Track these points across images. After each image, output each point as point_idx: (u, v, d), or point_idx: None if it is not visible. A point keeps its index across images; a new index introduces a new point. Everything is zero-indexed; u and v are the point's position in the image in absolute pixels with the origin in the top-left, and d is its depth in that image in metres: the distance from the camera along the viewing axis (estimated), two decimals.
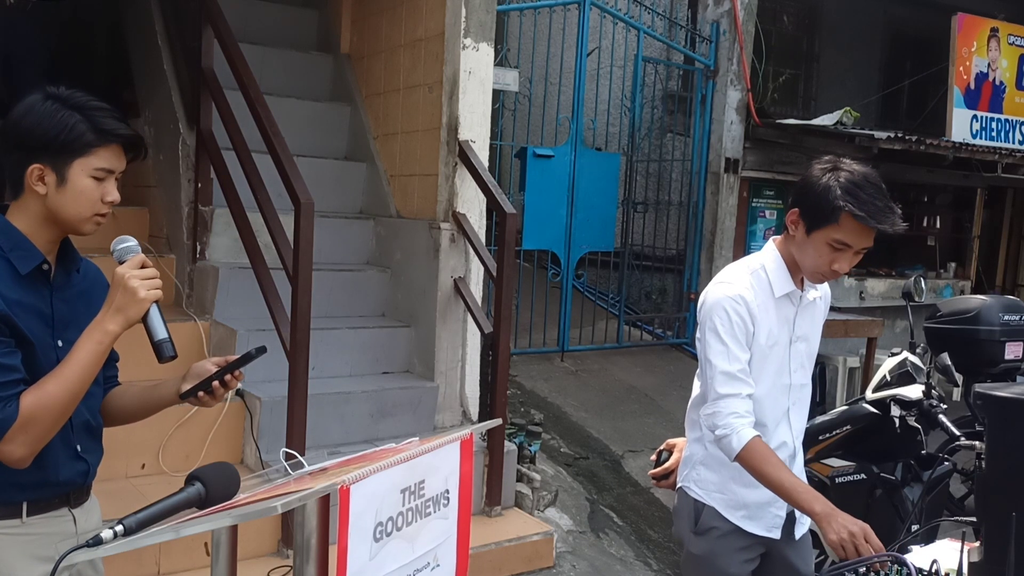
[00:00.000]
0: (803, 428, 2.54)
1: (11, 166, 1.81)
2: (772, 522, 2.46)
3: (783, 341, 2.44)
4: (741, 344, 2.35)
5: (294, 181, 3.81)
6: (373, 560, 1.61)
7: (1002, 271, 10.69)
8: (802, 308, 2.48)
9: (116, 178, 1.86)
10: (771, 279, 2.44)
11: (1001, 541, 1.76)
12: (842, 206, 2.29)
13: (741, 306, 2.36)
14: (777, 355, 2.43)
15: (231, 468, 1.65)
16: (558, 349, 6.75)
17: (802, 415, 2.51)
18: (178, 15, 4.99)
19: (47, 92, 1.82)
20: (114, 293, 1.76)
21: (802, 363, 2.49)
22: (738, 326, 2.35)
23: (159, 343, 1.80)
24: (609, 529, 4.73)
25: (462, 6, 4.62)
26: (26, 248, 1.80)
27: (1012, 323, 5.03)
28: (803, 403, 2.51)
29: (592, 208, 6.87)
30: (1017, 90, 9.57)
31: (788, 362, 2.45)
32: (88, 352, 1.75)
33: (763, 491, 2.33)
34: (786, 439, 2.47)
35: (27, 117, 1.79)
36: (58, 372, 1.74)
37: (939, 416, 3.28)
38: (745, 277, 2.45)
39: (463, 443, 1.89)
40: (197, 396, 1.94)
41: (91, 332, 1.76)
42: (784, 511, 2.45)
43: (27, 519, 1.83)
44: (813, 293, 2.51)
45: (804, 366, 2.50)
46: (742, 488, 2.42)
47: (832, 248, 2.32)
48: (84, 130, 1.78)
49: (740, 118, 7.61)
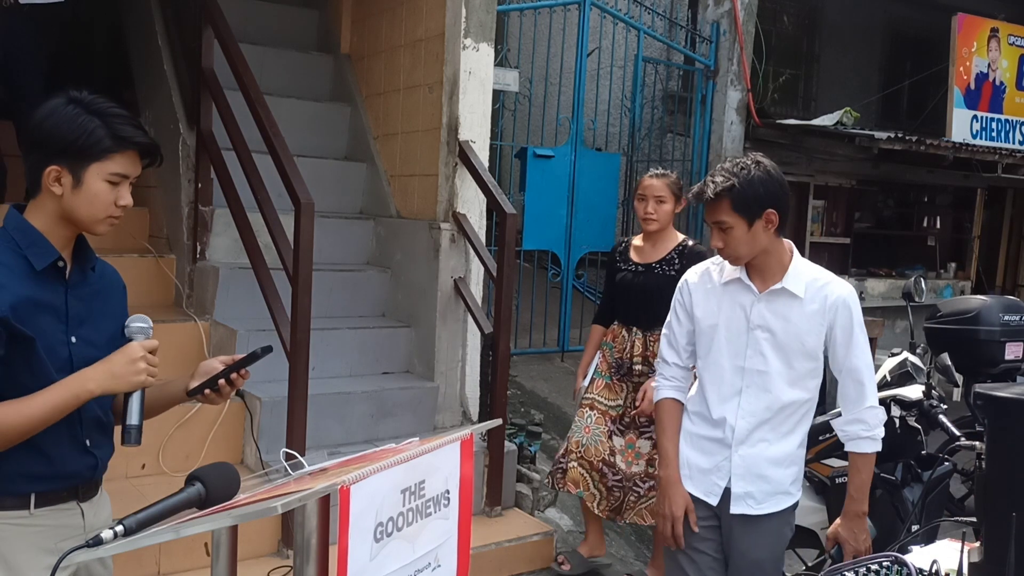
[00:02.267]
0: (759, 413, 2.63)
1: (31, 166, 1.86)
2: (710, 488, 2.68)
3: (735, 326, 2.63)
4: (679, 319, 2.77)
5: (294, 181, 3.81)
6: (374, 560, 1.62)
7: (1002, 271, 10.69)
8: (767, 300, 2.61)
9: (131, 183, 1.91)
10: (722, 266, 2.70)
11: (1001, 541, 1.76)
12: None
13: (684, 285, 2.77)
14: (727, 337, 2.64)
15: (231, 468, 1.66)
16: (558, 349, 6.76)
17: (759, 400, 2.62)
18: (178, 15, 4.99)
19: (69, 96, 1.86)
20: (116, 360, 1.81)
21: (762, 351, 2.60)
22: (679, 301, 2.77)
23: (130, 427, 1.84)
24: (609, 529, 4.73)
25: (462, 6, 4.62)
26: (42, 245, 1.85)
27: (1012, 323, 5.03)
28: (761, 389, 2.62)
29: (592, 208, 6.87)
30: (1017, 90, 9.57)
31: (745, 347, 2.62)
32: (61, 399, 1.78)
33: (708, 458, 2.67)
34: (728, 416, 2.65)
35: (48, 119, 1.83)
36: (23, 403, 1.76)
37: (939, 416, 3.28)
38: (705, 264, 2.80)
39: (463, 443, 1.89)
40: (204, 394, 1.98)
41: (72, 382, 1.79)
42: (724, 481, 2.65)
43: (35, 511, 1.86)
44: (795, 290, 2.60)
45: (765, 354, 2.60)
46: (689, 450, 2.73)
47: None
48: (102, 135, 1.83)
49: (740, 118, 7.61)
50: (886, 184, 9.22)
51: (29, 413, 1.75)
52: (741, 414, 2.63)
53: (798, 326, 2.59)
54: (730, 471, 2.64)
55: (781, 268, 2.63)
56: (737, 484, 2.63)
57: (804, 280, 2.62)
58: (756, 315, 2.61)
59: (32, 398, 1.77)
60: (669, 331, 2.80)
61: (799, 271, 2.64)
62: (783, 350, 2.60)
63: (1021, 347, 5.07)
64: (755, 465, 2.63)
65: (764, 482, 2.64)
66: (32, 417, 1.76)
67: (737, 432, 2.63)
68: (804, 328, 2.59)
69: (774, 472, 2.64)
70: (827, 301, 2.60)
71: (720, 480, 2.66)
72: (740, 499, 2.64)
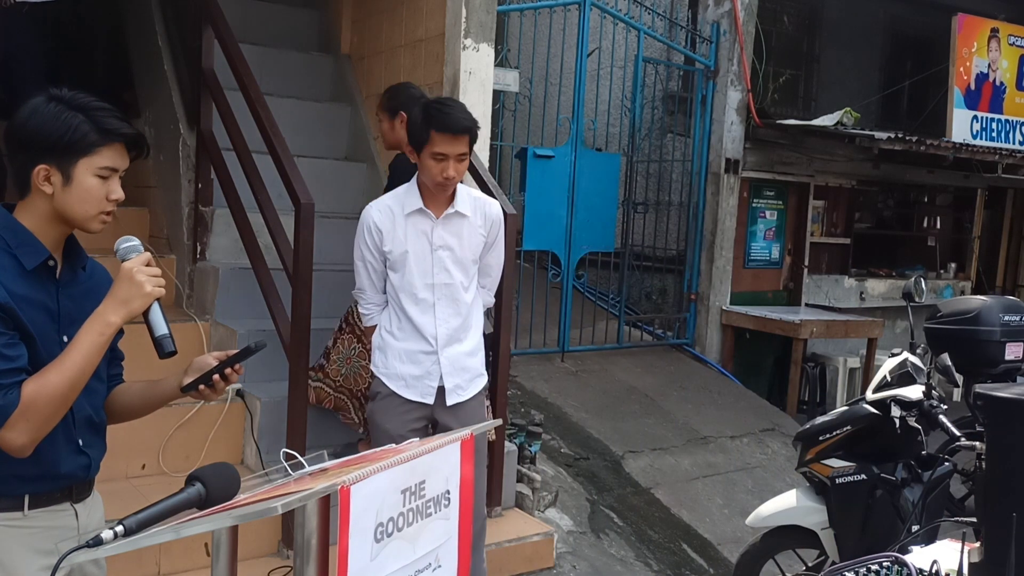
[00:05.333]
0: (455, 318, 3.20)
1: (17, 167, 1.85)
2: (425, 391, 3.19)
3: (421, 250, 3.13)
4: (373, 256, 3.20)
5: (294, 182, 3.81)
6: (374, 561, 1.62)
7: (1002, 272, 10.68)
8: (443, 223, 3.15)
9: (120, 176, 1.90)
10: (403, 200, 3.16)
11: (1002, 541, 1.76)
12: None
13: (371, 225, 3.17)
14: (416, 261, 3.13)
15: (231, 468, 1.66)
16: (558, 349, 6.75)
17: (451, 309, 3.20)
18: (179, 16, 4.99)
19: (50, 94, 1.85)
20: (119, 286, 1.81)
21: (446, 267, 3.17)
22: (365, 241, 3.19)
23: (160, 338, 1.84)
24: (609, 529, 4.73)
25: (462, 7, 4.62)
26: (32, 244, 1.84)
27: (1012, 324, 5.03)
28: (450, 299, 3.20)
29: (592, 209, 6.86)
30: (1017, 91, 9.57)
31: (431, 266, 3.16)
32: (90, 343, 1.78)
33: (419, 367, 3.18)
34: (427, 327, 3.18)
35: (32, 119, 1.82)
36: (59, 362, 1.77)
37: (939, 417, 3.27)
38: (386, 200, 3.22)
39: (463, 443, 1.89)
40: (198, 389, 1.97)
41: (93, 323, 1.79)
42: (436, 382, 3.19)
43: (29, 512, 1.85)
44: (453, 210, 3.15)
45: (449, 270, 3.18)
46: (400, 364, 3.19)
47: (437, 160, 3.02)
48: (88, 130, 1.82)
49: (740, 118, 7.61)
50: (886, 184, 9.22)
51: (69, 367, 1.76)
52: (439, 323, 3.18)
53: (469, 240, 3.20)
54: (440, 372, 3.18)
55: (450, 194, 3.15)
56: (448, 380, 3.20)
57: (468, 201, 3.19)
58: (437, 237, 3.15)
59: (64, 355, 1.77)
60: (365, 267, 3.22)
61: (462, 194, 3.19)
62: (461, 263, 3.19)
63: (1021, 347, 5.07)
64: (457, 361, 3.21)
65: (466, 372, 3.25)
66: (72, 369, 1.76)
67: (440, 339, 3.18)
68: (475, 242, 3.21)
69: (471, 362, 3.27)
70: (487, 216, 3.25)
71: (432, 382, 3.19)
72: (452, 392, 3.21)
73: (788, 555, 3.80)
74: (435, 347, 3.19)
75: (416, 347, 3.20)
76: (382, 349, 3.27)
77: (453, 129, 3.00)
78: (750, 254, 8.06)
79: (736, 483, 5.63)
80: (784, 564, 3.78)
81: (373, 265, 3.22)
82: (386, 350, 3.24)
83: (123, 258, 1.84)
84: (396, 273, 3.19)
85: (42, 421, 1.75)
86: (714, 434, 6.15)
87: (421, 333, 3.19)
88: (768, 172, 7.99)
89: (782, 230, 8.29)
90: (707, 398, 6.77)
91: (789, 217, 8.34)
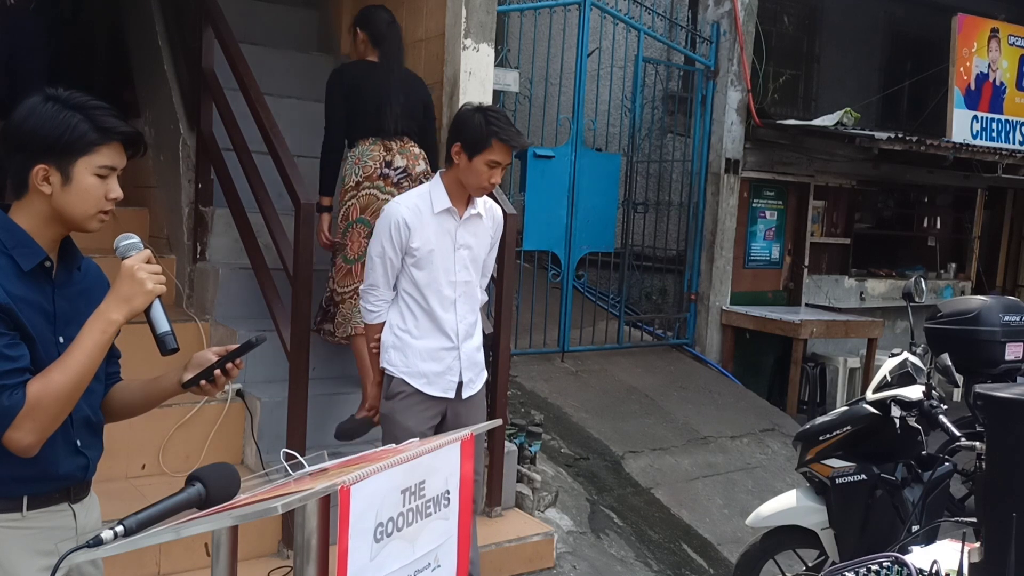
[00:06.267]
0: (471, 315, 3.33)
1: (15, 168, 1.84)
2: (447, 386, 3.27)
3: (445, 248, 3.22)
4: (394, 252, 3.19)
5: (294, 182, 3.82)
6: (374, 561, 1.62)
7: (1002, 272, 10.69)
8: (464, 224, 3.26)
9: (118, 175, 1.89)
10: (431, 199, 3.21)
11: (1002, 542, 1.76)
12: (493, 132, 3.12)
13: (399, 221, 3.17)
14: (440, 258, 3.21)
15: (231, 468, 1.66)
16: (558, 350, 6.75)
17: (468, 306, 3.32)
18: (179, 16, 4.99)
19: (47, 94, 1.85)
20: (120, 284, 1.80)
21: (466, 265, 3.29)
22: (390, 238, 3.18)
23: (162, 336, 1.84)
24: (609, 530, 4.73)
25: (462, 7, 4.62)
26: (29, 245, 1.83)
27: (1012, 324, 5.03)
28: (469, 296, 3.32)
29: (592, 209, 6.86)
30: (1017, 91, 9.56)
31: (454, 264, 3.25)
32: (92, 341, 1.78)
33: (440, 363, 3.24)
34: (450, 323, 3.26)
35: (29, 119, 1.82)
36: (62, 361, 1.77)
37: (939, 417, 3.27)
38: (412, 198, 3.26)
39: (463, 443, 1.89)
40: (199, 385, 1.97)
41: (95, 321, 1.79)
42: (457, 377, 3.28)
43: (27, 513, 1.85)
44: (474, 211, 3.28)
45: (468, 267, 3.30)
46: (422, 362, 3.24)
47: (489, 167, 3.12)
48: (86, 129, 1.82)
49: (740, 119, 7.61)
50: (886, 184, 9.21)
51: (72, 366, 1.76)
52: (459, 319, 3.28)
53: (482, 240, 3.35)
54: (460, 367, 3.29)
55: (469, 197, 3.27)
56: (465, 375, 3.30)
57: (481, 204, 3.32)
58: (459, 236, 3.26)
59: (67, 354, 1.78)
60: (383, 263, 3.22)
61: (476, 197, 3.29)
62: (476, 262, 3.33)
63: (1021, 347, 5.07)
64: (471, 355, 3.34)
65: (477, 366, 3.38)
66: (76, 368, 1.76)
67: (460, 334, 3.28)
68: (485, 242, 3.37)
69: (479, 356, 3.40)
70: (495, 220, 3.41)
71: (453, 377, 3.29)
72: (467, 385, 3.32)
73: (788, 555, 3.80)
74: (456, 343, 3.28)
75: (437, 344, 3.25)
76: (399, 348, 3.26)
77: (515, 143, 3.18)
78: (750, 254, 8.06)
79: (736, 483, 5.63)
80: (784, 564, 3.78)
81: (392, 261, 3.22)
82: (405, 349, 3.25)
83: (123, 256, 1.83)
84: (421, 271, 3.21)
85: (48, 421, 1.75)
86: (714, 434, 6.15)
87: (443, 330, 3.25)
88: (768, 172, 7.99)
89: (782, 230, 8.29)
90: (707, 398, 6.78)
91: (789, 217, 8.34)
